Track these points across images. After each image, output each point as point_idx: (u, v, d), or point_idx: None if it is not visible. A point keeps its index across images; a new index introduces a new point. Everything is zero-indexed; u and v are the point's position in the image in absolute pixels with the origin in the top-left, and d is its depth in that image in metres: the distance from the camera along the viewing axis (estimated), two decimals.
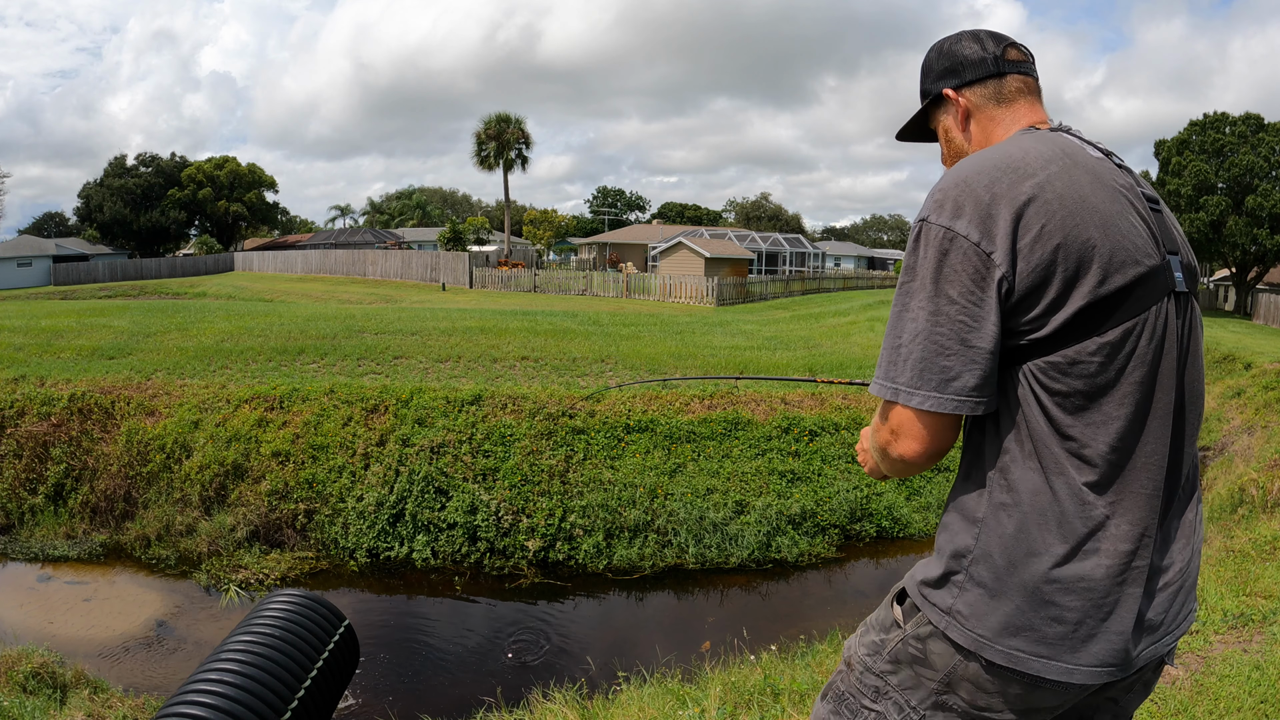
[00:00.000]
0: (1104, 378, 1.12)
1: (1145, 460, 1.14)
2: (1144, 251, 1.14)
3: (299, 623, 1.80)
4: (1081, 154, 1.20)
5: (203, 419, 8.85)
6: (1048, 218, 1.11)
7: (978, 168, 1.17)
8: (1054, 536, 1.13)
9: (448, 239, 44.05)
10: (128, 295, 34.34)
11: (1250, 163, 29.06)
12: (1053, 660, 1.14)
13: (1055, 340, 1.12)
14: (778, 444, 9.16)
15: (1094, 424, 1.12)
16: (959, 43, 1.37)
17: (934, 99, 1.40)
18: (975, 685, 1.21)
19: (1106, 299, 1.11)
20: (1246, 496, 7.73)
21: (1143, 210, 1.19)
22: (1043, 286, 1.11)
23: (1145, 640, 1.19)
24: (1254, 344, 18.02)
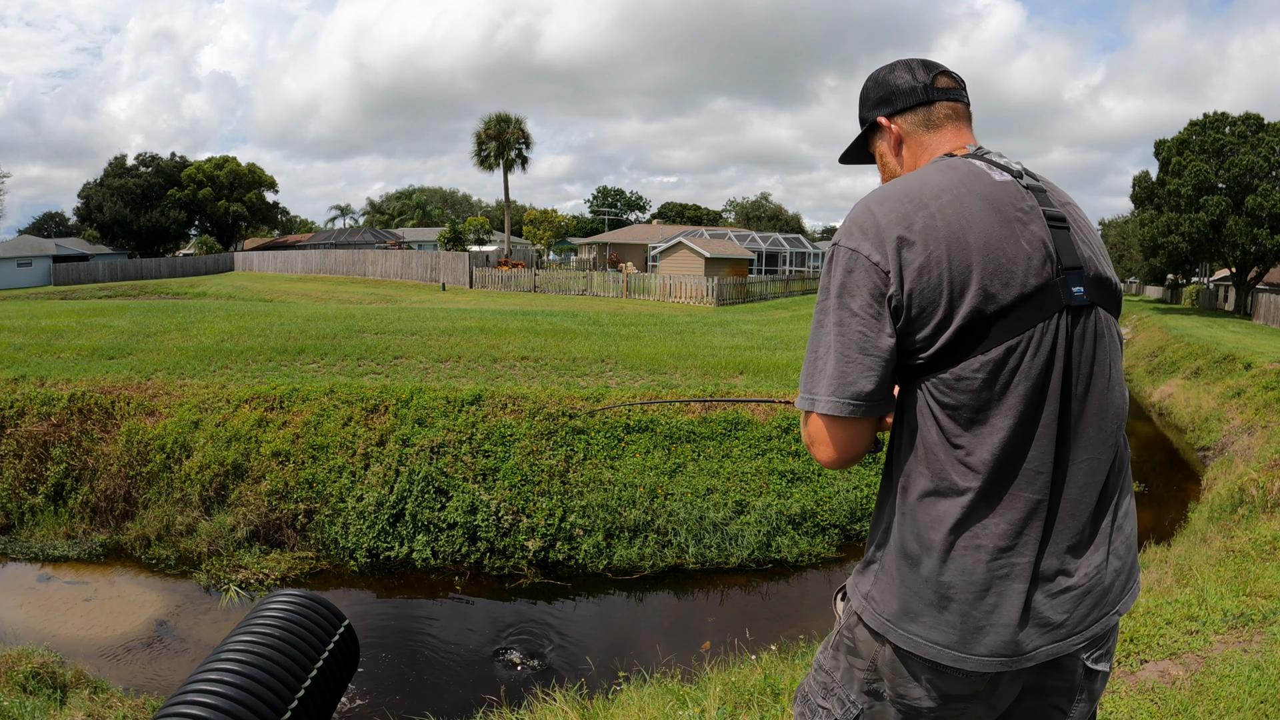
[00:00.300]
0: (988, 392, 1.21)
1: (1029, 468, 1.22)
2: (1030, 272, 1.22)
3: (299, 623, 1.80)
4: (980, 181, 1.28)
5: (203, 419, 8.85)
6: (934, 245, 1.20)
7: (881, 197, 1.28)
8: (942, 533, 1.23)
9: (448, 239, 44.05)
10: (128, 295, 34.34)
11: (1250, 163, 29.04)
12: (946, 648, 1.24)
13: (943, 358, 1.21)
14: (778, 444, 9.15)
15: (980, 435, 1.22)
16: (893, 72, 1.46)
17: (871, 126, 1.49)
18: (893, 671, 1.31)
19: (986, 319, 1.19)
20: (1246, 496, 7.73)
21: (1040, 231, 1.25)
22: (929, 309, 1.20)
23: (1042, 637, 1.25)
24: (1254, 344, 18.02)
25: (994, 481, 1.22)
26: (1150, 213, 32.41)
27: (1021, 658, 1.25)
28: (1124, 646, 3.48)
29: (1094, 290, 1.28)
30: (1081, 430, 1.27)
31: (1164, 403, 15.88)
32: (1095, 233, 1.37)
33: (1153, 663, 3.35)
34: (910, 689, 1.31)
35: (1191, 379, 16.33)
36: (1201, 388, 15.14)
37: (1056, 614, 1.26)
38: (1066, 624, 1.27)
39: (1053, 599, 1.25)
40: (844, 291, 1.24)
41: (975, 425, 1.22)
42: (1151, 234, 31.90)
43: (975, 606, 1.23)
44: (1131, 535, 1.36)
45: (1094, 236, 1.35)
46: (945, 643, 1.24)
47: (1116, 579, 1.32)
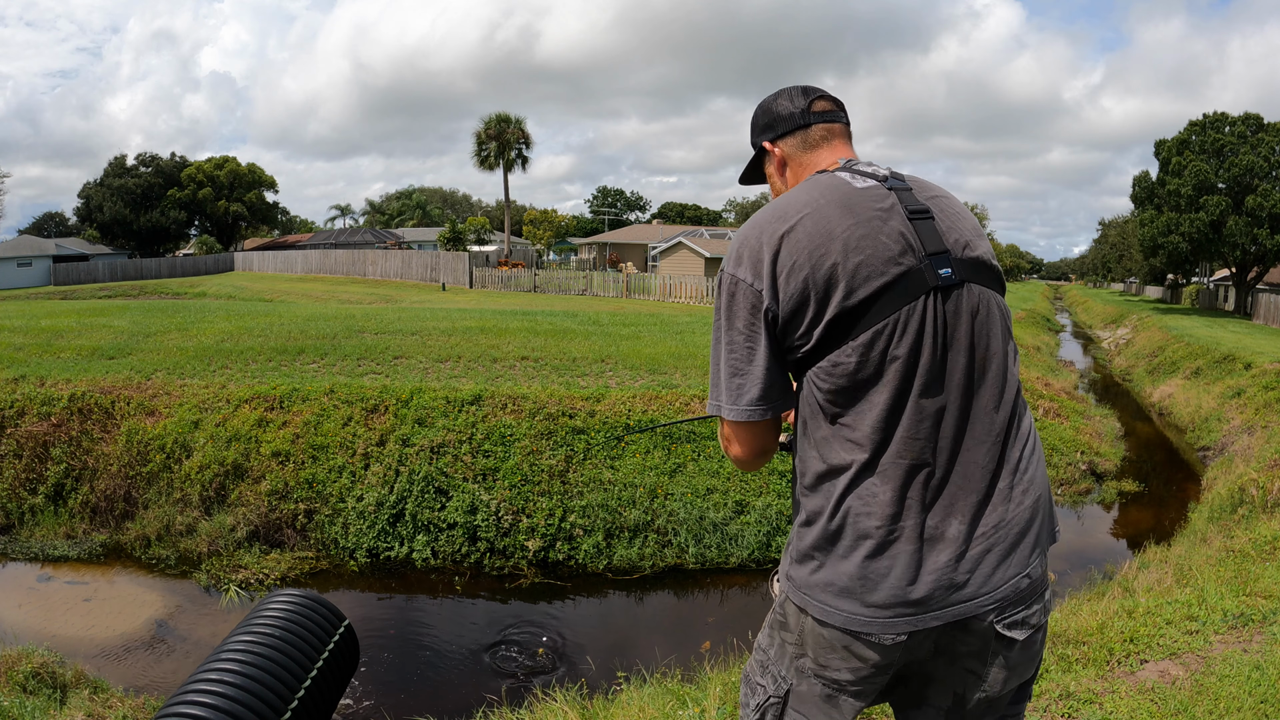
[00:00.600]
0: (863, 373, 1.32)
1: (908, 436, 1.32)
2: (890, 262, 1.33)
3: (299, 623, 1.80)
4: (839, 190, 1.40)
5: (203, 419, 8.85)
6: (798, 255, 1.33)
7: (754, 221, 1.42)
8: (836, 506, 1.35)
9: (448, 239, 44.04)
10: (128, 295, 34.34)
11: (1250, 163, 29.04)
12: (854, 614, 1.34)
13: (819, 349, 1.35)
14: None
15: (859, 411, 1.34)
16: (775, 100, 1.59)
17: (759, 150, 1.63)
18: (816, 643, 1.40)
19: (852, 310, 1.32)
20: (1246, 496, 7.73)
21: (899, 225, 1.37)
22: (801, 310, 1.34)
23: (945, 597, 1.32)
24: (1254, 344, 18.02)
25: (876, 452, 1.33)
26: (1150, 213, 32.41)
27: (926, 616, 1.32)
28: (1124, 646, 3.48)
29: (963, 270, 1.38)
30: (966, 398, 1.35)
31: (1164, 403, 15.88)
32: (965, 219, 1.47)
33: (1153, 663, 3.35)
34: (830, 659, 1.39)
35: (1191, 379, 16.33)
36: (1201, 388, 15.14)
37: (959, 574, 1.33)
38: (970, 584, 1.33)
39: (951, 560, 1.32)
40: (728, 312, 1.40)
41: (855, 404, 1.34)
42: (1151, 234, 31.90)
43: (873, 571, 1.32)
44: (1040, 499, 1.41)
45: (963, 222, 1.45)
46: (852, 610, 1.34)
47: (1022, 540, 1.37)
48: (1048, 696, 3.04)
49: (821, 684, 1.42)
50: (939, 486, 1.34)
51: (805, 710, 1.46)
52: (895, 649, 1.35)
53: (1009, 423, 1.39)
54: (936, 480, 1.34)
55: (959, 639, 1.38)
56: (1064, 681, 3.16)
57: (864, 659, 1.36)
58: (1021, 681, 1.47)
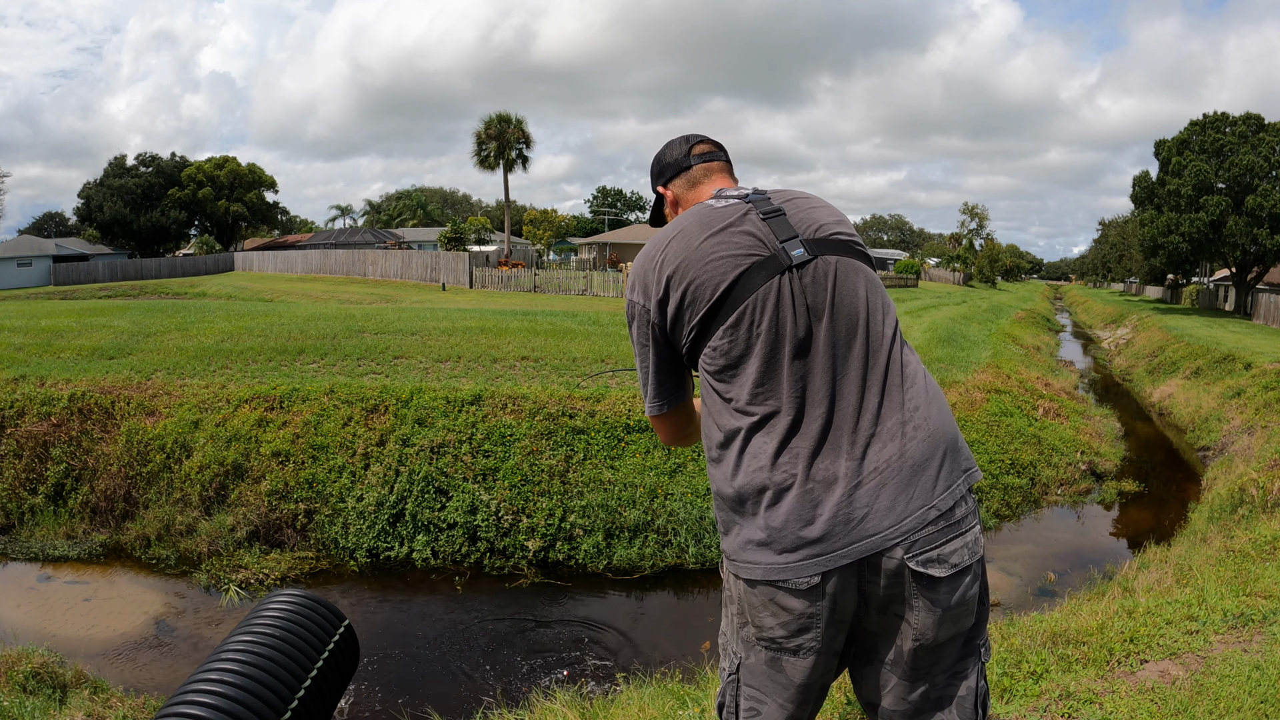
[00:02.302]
0: (735, 350, 1.50)
1: (783, 394, 1.46)
2: (744, 256, 1.52)
3: (299, 623, 1.80)
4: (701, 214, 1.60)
5: (203, 419, 8.85)
6: (671, 273, 1.55)
7: (641, 253, 1.64)
8: (731, 467, 1.49)
9: (448, 239, 44.02)
10: (128, 295, 34.33)
11: (1250, 163, 29.04)
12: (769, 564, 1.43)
13: (699, 340, 1.55)
14: None
15: (740, 382, 1.50)
16: (665, 151, 1.84)
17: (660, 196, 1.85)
18: (748, 603, 1.49)
19: (716, 302, 1.51)
20: (1246, 496, 7.73)
21: (750, 226, 1.56)
22: (680, 315, 1.55)
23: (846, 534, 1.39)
24: (1254, 344, 18.02)
25: (760, 411, 1.47)
26: (1150, 213, 32.40)
27: (833, 555, 1.40)
28: (1124, 646, 3.48)
29: (816, 247, 1.54)
30: (835, 352, 1.48)
31: (1164, 403, 15.88)
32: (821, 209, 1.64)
33: (1153, 663, 3.35)
34: (763, 619, 1.48)
35: (1191, 379, 16.33)
36: (1201, 388, 15.15)
37: (855, 509, 1.40)
38: (868, 519, 1.40)
39: (844, 496, 1.41)
40: (635, 334, 1.65)
41: (734, 378, 1.51)
42: (1151, 234, 31.90)
43: (774, 519, 1.43)
44: (933, 432, 1.47)
45: (817, 212, 1.62)
46: (767, 560, 1.44)
47: (922, 474, 1.43)
48: (1048, 696, 3.04)
49: (763, 647, 1.51)
50: (821, 433, 1.45)
51: (754, 682, 1.55)
52: (815, 593, 1.42)
53: (887, 368, 1.50)
54: (818, 428, 1.45)
55: (875, 582, 1.42)
56: (1064, 681, 3.16)
57: (789, 609, 1.44)
58: (958, 631, 1.48)
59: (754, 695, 1.55)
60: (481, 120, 41.89)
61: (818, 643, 1.46)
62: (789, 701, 1.52)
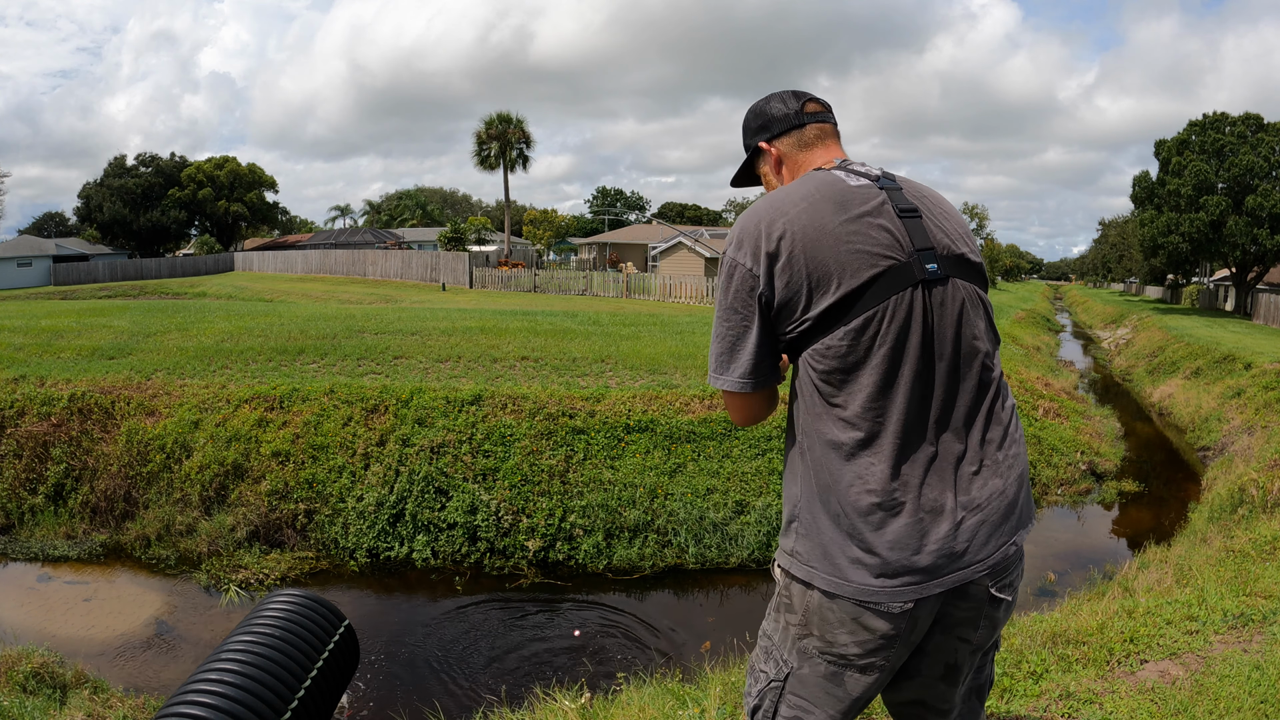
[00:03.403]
0: (854, 356, 1.42)
1: (898, 416, 1.41)
2: (880, 257, 1.42)
3: (299, 623, 1.80)
4: (834, 187, 1.49)
5: (203, 419, 8.85)
6: (793, 246, 1.43)
7: (754, 211, 1.51)
8: (835, 480, 1.43)
9: (448, 239, 44.01)
10: (128, 295, 34.33)
11: (1250, 163, 29.03)
12: (863, 584, 1.40)
13: (813, 333, 1.44)
14: (778, 444, 9.15)
15: (850, 391, 1.42)
16: (768, 103, 1.70)
17: (754, 151, 1.72)
18: (822, 619, 1.45)
19: (843, 299, 1.41)
20: (1246, 496, 7.72)
21: (888, 222, 1.46)
22: (794, 298, 1.44)
23: (947, 565, 1.41)
24: (1254, 344, 18.02)
25: (870, 431, 1.41)
26: (1150, 213, 32.40)
27: (931, 584, 1.40)
28: (1124, 646, 3.48)
29: (949, 265, 1.48)
30: (948, 381, 1.46)
31: (1164, 403, 15.87)
32: (953, 219, 1.57)
33: (1153, 663, 3.35)
34: (838, 635, 1.45)
35: (1191, 379, 16.33)
36: (1201, 388, 15.14)
37: (958, 544, 1.42)
38: (968, 552, 1.43)
39: (950, 530, 1.41)
40: (726, 293, 1.50)
41: (847, 385, 1.43)
42: (1151, 234, 31.90)
43: (877, 541, 1.40)
44: (1022, 472, 1.53)
45: (950, 222, 1.56)
46: (860, 579, 1.41)
47: (1011, 510, 1.49)
48: (1048, 696, 3.04)
49: (826, 661, 1.47)
50: (930, 461, 1.43)
51: (804, 692, 1.52)
52: (903, 618, 1.41)
53: (992, 404, 1.50)
54: (928, 456, 1.43)
55: (956, 605, 1.47)
56: (1064, 681, 3.16)
57: (872, 630, 1.42)
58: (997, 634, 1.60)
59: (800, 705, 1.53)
60: (482, 120, 41.93)
61: (887, 662, 1.47)
62: (839, 714, 1.52)
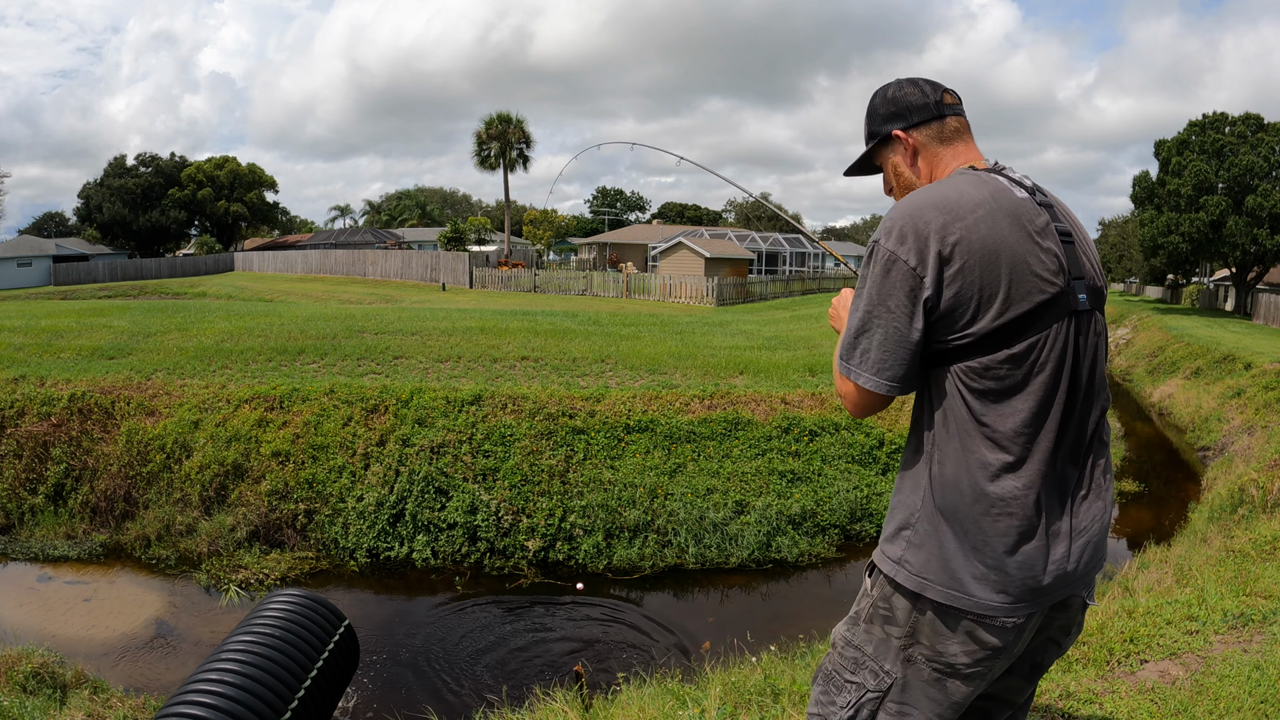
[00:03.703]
0: (1011, 380, 1.40)
1: (1044, 442, 1.41)
2: (1048, 282, 1.40)
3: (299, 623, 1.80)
4: (1006, 197, 1.44)
5: (203, 419, 8.85)
6: (968, 256, 1.37)
7: (921, 204, 1.42)
8: (970, 500, 1.41)
9: (448, 239, 44.02)
10: (128, 295, 34.33)
11: (1250, 163, 29.03)
12: (982, 599, 1.41)
13: (972, 350, 1.40)
14: (778, 444, 9.15)
15: (1003, 414, 1.40)
16: (902, 89, 1.61)
17: (882, 139, 1.63)
18: (933, 631, 1.46)
19: (1012, 322, 1.38)
20: (1246, 496, 7.72)
21: (1054, 245, 1.44)
22: (960, 309, 1.38)
23: (1060, 584, 1.44)
24: (1254, 344, 18.02)
25: (1019, 455, 1.40)
26: (1150, 213, 32.39)
27: (1044, 601, 1.44)
28: (1124, 646, 3.48)
29: (1093, 297, 1.48)
30: (1082, 411, 1.46)
31: (1164, 403, 15.87)
32: (1093, 247, 1.56)
33: (1153, 663, 3.35)
34: (949, 646, 1.45)
35: (1191, 379, 16.33)
36: (1201, 388, 15.14)
37: (1070, 563, 1.44)
38: (1077, 570, 1.46)
39: (1065, 552, 1.44)
40: (883, 289, 1.42)
41: (1000, 406, 1.40)
42: (1151, 234, 31.89)
43: (1007, 561, 1.40)
44: (1112, 495, 1.57)
45: (1092, 249, 1.55)
46: (982, 595, 1.41)
47: (1106, 529, 1.54)
48: (1048, 696, 3.04)
49: (932, 669, 1.48)
50: (1057, 487, 1.44)
51: (909, 699, 1.51)
52: (1014, 631, 1.44)
53: (1103, 431, 1.54)
54: (1056, 482, 1.44)
55: (1057, 616, 1.52)
56: (1064, 681, 3.16)
57: (984, 643, 1.44)
58: None
59: (901, 710, 1.53)
60: (482, 120, 41.89)
61: (990, 670, 1.49)
62: (937, 716, 1.52)
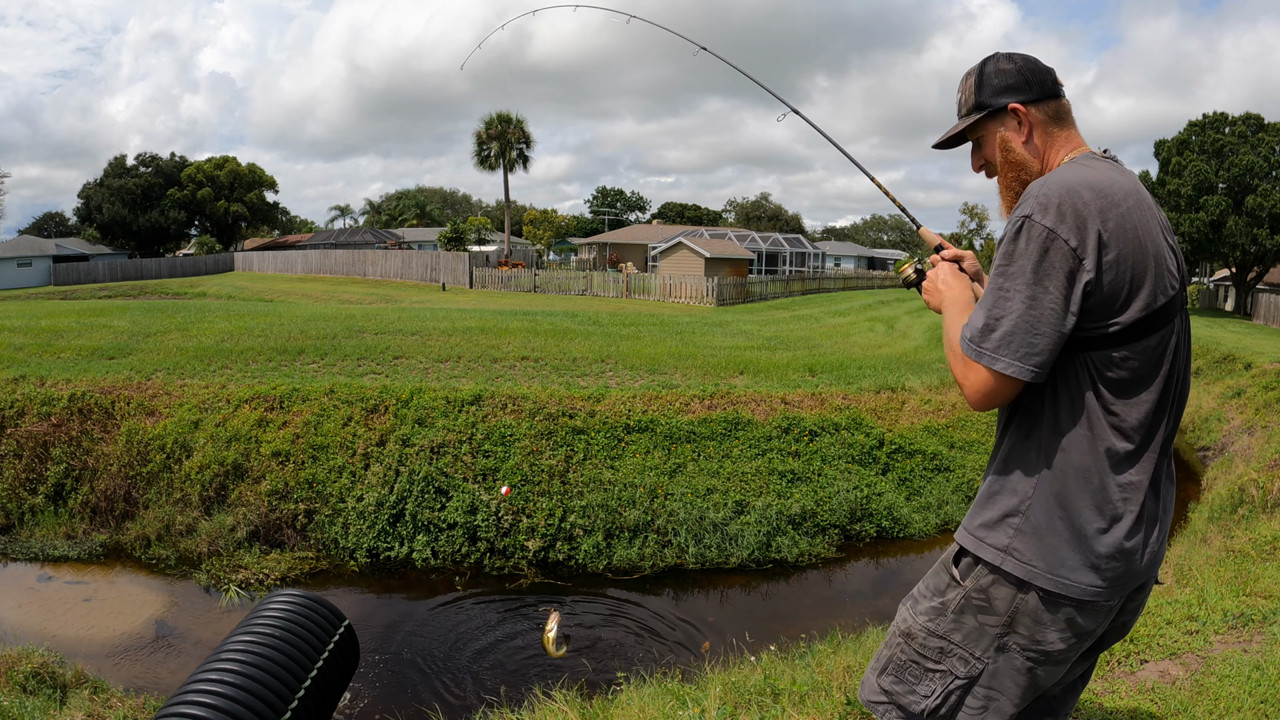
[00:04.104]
0: (1142, 371, 1.41)
1: (1158, 435, 1.45)
2: (1175, 277, 1.43)
3: (299, 623, 1.80)
4: (1144, 190, 1.46)
5: (203, 419, 8.85)
6: (1123, 245, 1.37)
7: (1075, 183, 1.39)
8: (1093, 488, 1.42)
9: (448, 239, 44.03)
10: (128, 295, 34.33)
11: (1250, 163, 29.04)
12: (1091, 585, 1.43)
13: (1112, 340, 1.39)
14: (778, 444, 9.15)
15: (1130, 405, 1.42)
16: (1020, 62, 1.55)
17: (994, 111, 1.56)
18: (1034, 620, 1.46)
19: (1153, 315, 1.39)
20: (1246, 496, 7.72)
21: (1172, 242, 1.47)
22: (1111, 299, 1.37)
23: (1149, 568, 1.50)
24: (1254, 344, 18.02)
25: (1138, 444, 1.43)
26: None
27: (1135, 584, 1.50)
28: (1124, 646, 3.48)
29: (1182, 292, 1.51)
30: (1179, 404, 1.51)
31: None
32: None
33: (1153, 663, 3.35)
34: (1047, 635, 1.47)
35: (1192, 379, 16.32)
36: (1201, 388, 15.14)
37: (1159, 546, 1.51)
38: (1160, 554, 1.52)
39: (1158, 534, 1.50)
40: (1039, 269, 1.37)
41: (1128, 396, 1.42)
42: None
43: (1120, 548, 1.43)
44: None
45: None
46: (1088, 581, 1.43)
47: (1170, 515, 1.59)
48: None
49: (1025, 657, 1.49)
50: (1158, 476, 1.48)
51: (998, 685, 1.52)
52: (1107, 614, 1.49)
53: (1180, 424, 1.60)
54: (1157, 472, 1.48)
55: (1135, 597, 1.57)
56: None
57: (1080, 630, 1.47)
58: None
59: (988, 695, 1.54)
60: (482, 120, 41.92)
61: (1077, 654, 1.53)
62: (1023, 700, 1.55)
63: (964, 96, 1.62)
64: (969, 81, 1.60)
